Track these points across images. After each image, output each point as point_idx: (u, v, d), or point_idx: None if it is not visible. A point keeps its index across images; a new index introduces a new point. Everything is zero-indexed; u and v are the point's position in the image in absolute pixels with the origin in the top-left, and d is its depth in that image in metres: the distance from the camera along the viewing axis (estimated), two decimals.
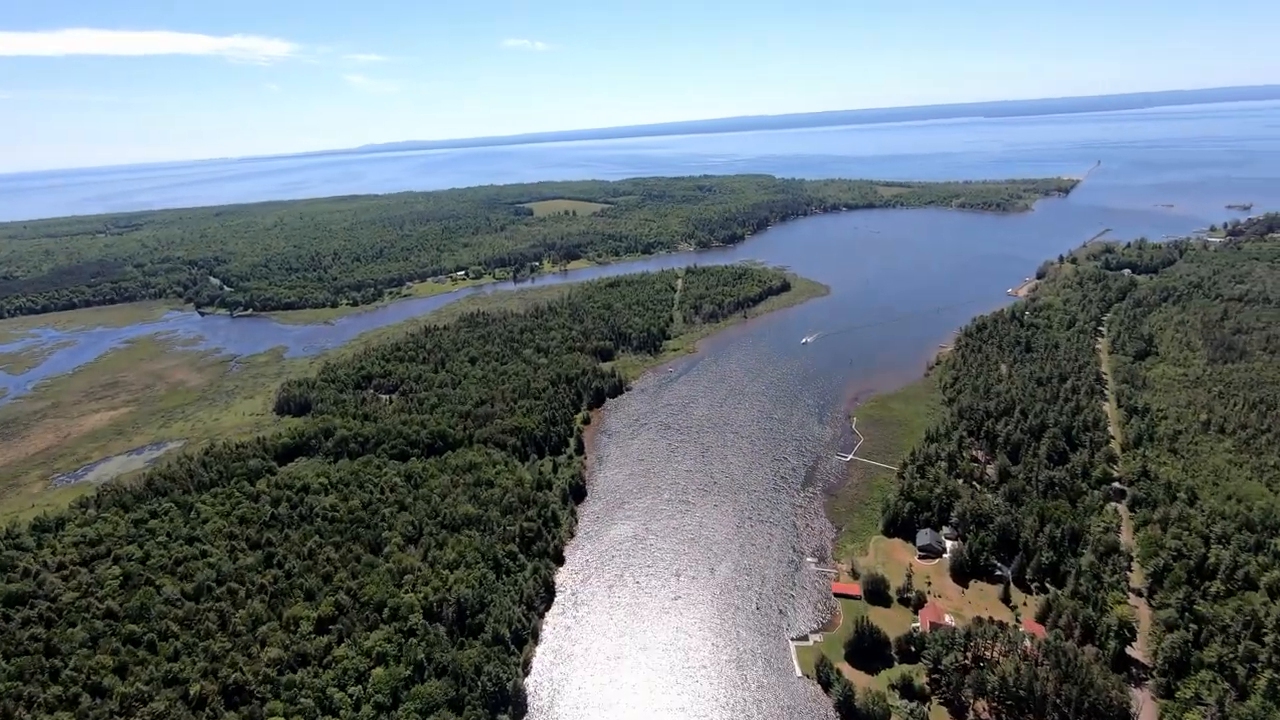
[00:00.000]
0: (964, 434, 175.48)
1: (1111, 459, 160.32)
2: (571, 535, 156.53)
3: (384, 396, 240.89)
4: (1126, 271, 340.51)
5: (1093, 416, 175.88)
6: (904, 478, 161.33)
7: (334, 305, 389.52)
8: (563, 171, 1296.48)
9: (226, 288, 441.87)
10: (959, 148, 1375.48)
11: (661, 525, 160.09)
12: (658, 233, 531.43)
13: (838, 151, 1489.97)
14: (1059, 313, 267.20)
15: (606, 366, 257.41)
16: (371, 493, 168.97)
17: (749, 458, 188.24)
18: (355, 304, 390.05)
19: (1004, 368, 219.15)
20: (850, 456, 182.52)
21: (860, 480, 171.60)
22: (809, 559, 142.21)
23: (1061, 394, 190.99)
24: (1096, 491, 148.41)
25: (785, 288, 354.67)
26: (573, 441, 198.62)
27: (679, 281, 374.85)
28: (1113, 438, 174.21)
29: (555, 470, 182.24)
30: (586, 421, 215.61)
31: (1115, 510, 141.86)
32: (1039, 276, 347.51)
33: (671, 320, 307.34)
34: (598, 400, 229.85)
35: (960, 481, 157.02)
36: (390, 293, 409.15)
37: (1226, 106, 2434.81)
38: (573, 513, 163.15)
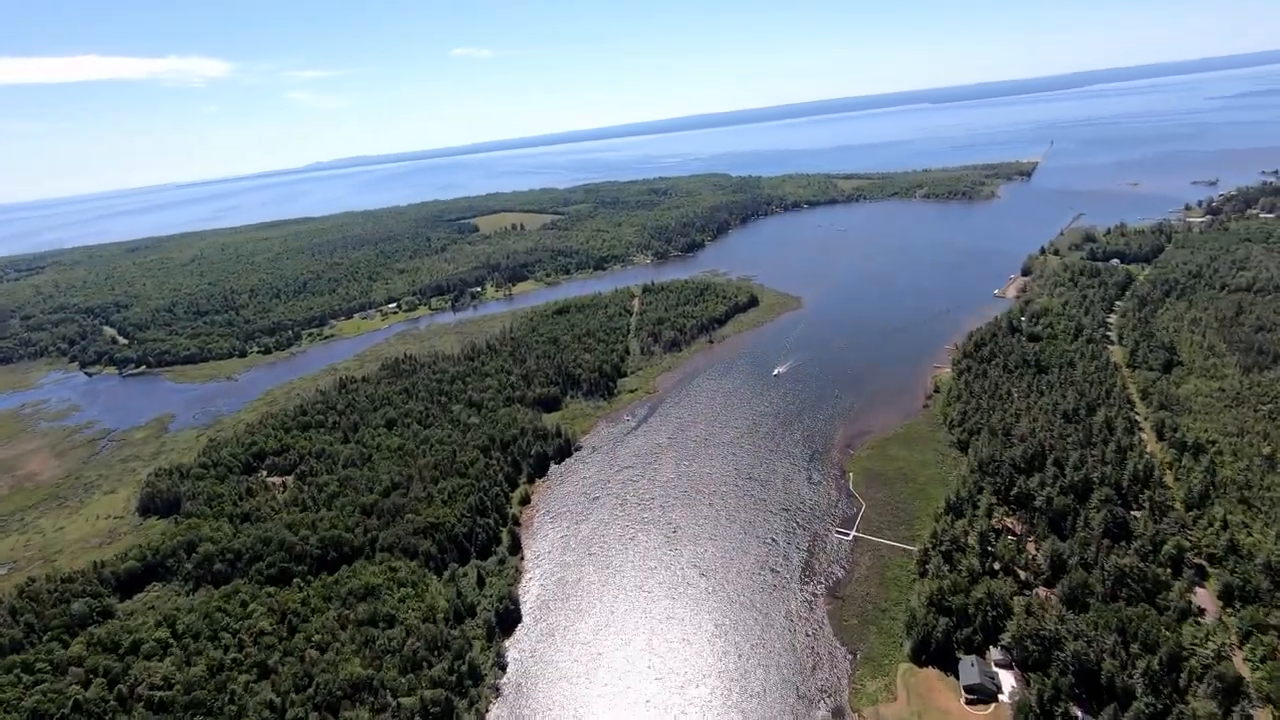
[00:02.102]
0: (992, 498, 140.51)
1: (1183, 526, 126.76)
2: (497, 693, 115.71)
3: (277, 481, 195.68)
4: (1116, 262, 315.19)
5: (1143, 464, 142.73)
6: (927, 570, 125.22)
7: (242, 355, 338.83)
8: (513, 181, 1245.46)
9: (121, 339, 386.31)
10: (911, 135, 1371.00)
11: (619, 661, 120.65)
12: (611, 245, 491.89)
13: (792, 145, 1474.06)
14: (1061, 319, 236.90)
15: (552, 419, 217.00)
16: (228, 647, 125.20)
17: (728, 541, 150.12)
18: (268, 351, 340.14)
19: (1015, 394, 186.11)
20: (853, 534, 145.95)
21: (870, 570, 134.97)
22: (821, 716, 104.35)
23: (1096, 431, 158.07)
24: (1178, 580, 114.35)
25: (753, 303, 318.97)
26: (505, 535, 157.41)
27: (635, 302, 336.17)
28: (1168, 486, 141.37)
29: (481, 583, 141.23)
30: (525, 501, 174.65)
31: (1219, 623, 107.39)
32: (1024, 273, 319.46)
33: (628, 353, 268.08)
34: (540, 468, 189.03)
35: (1001, 575, 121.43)
36: (310, 335, 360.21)
37: (1161, 81, 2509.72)
38: (499, 656, 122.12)
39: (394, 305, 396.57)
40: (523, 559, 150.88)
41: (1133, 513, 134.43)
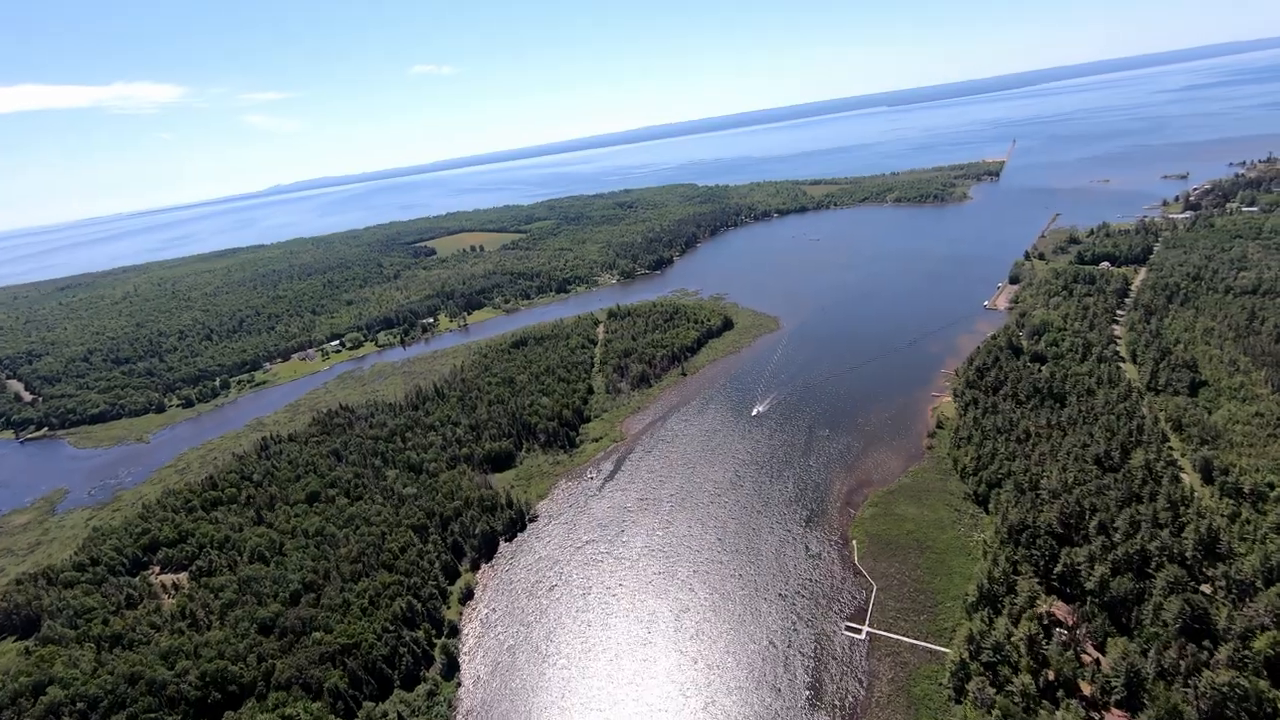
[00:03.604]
0: (1033, 581, 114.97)
1: (1277, 617, 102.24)
2: None
3: (169, 580, 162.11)
4: (1106, 265, 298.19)
5: (1205, 527, 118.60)
6: (965, 690, 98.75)
7: (160, 410, 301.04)
8: (476, 198, 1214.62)
9: (27, 395, 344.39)
10: (875, 137, 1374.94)
11: None
12: (574, 265, 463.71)
13: (757, 152, 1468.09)
14: (1065, 335, 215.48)
15: (505, 480, 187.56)
16: None
17: (715, 645, 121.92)
18: (190, 404, 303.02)
19: (1034, 431, 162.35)
20: (865, 629, 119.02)
21: (894, 686, 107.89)
22: None
23: (1138, 481, 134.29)
24: None
25: (727, 326, 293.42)
26: (439, 652, 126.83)
27: (600, 329, 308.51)
28: (1238, 553, 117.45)
29: None
30: (467, 596, 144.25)
31: None
32: (1013, 281, 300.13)
33: (591, 392, 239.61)
34: (487, 550, 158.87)
35: (1061, 693, 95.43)
36: (240, 382, 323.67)
37: (1108, 78, 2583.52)
38: None
39: (337, 343, 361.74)
40: (459, 685, 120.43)
41: (1203, 588, 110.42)
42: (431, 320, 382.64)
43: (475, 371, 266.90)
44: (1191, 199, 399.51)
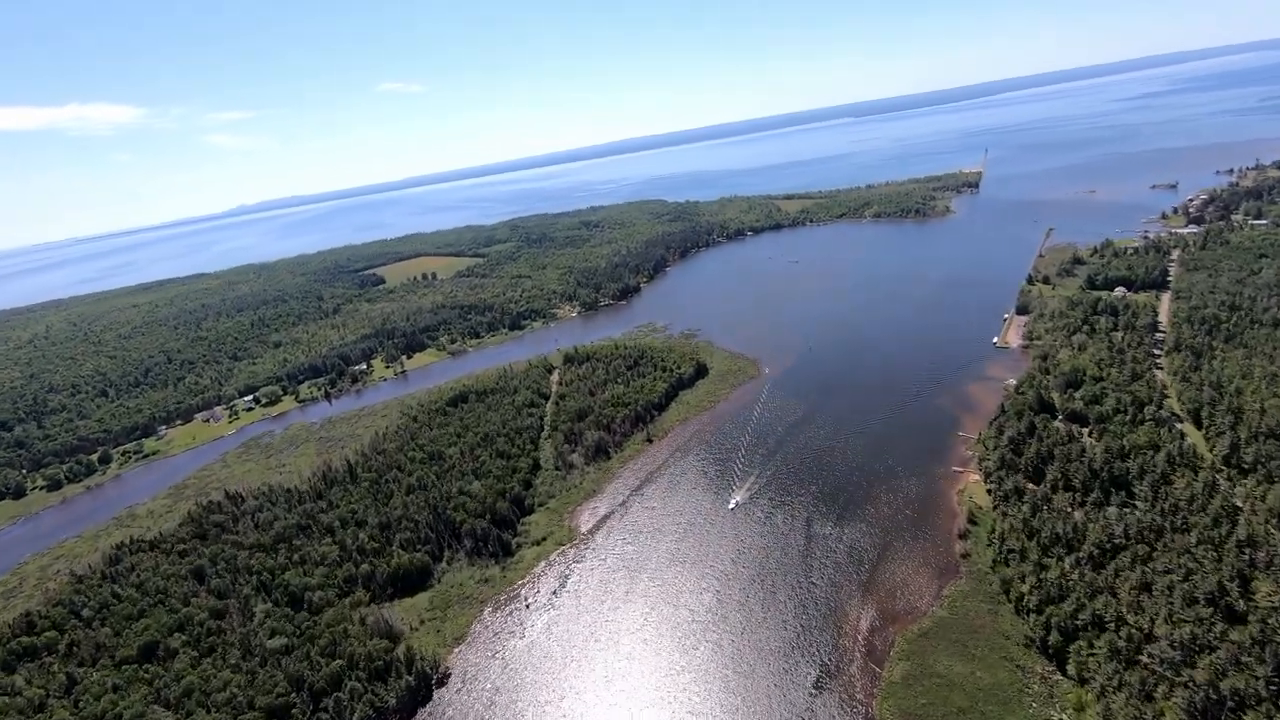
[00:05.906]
0: None
1: None
2: None
3: None
4: (1121, 290, 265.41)
5: None
6: None
7: (18, 495, 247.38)
8: (440, 218, 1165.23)
9: None
10: (845, 148, 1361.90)
11: None
12: (532, 295, 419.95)
13: (727, 165, 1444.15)
14: (1107, 387, 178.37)
15: (413, 611, 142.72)
16: None
17: None
18: (57, 486, 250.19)
19: (1101, 536, 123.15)
20: None
21: None
22: None
23: (1274, 632, 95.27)
24: None
25: (700, 373, 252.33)
26: None
27: (553, 378, 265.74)
28: None
29: None
30: None
31: None
32: (1021, 311, 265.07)
33: (537, 468, 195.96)
34: None
35: None
36: (126, 453, 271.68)
37: (1061, 88, 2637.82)
38: None
39: (251, 399, 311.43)
40: None
41: None
42: (365, 367, 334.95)
43: (399, 441, 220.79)
44: (1192, 211, 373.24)
